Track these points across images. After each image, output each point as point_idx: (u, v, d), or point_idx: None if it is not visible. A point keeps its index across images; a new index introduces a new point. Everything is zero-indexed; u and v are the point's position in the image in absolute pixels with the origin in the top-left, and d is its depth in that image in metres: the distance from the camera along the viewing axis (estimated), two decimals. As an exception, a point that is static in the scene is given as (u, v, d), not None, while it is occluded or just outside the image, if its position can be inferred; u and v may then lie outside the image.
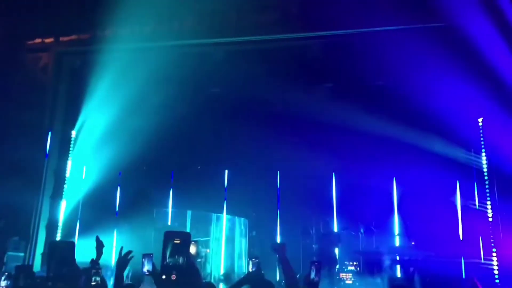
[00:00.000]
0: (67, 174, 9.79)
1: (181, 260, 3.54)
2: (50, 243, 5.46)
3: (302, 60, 9.72)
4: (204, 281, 4.86)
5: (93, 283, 4.28)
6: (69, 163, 9.87)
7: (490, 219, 8.25)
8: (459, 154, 8.98)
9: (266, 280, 4.74)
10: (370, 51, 9.04)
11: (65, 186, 9.69)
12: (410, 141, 9.08)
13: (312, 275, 4.07)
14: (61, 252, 4.43)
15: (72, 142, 9.87)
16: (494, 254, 8.05)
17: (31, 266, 5.45)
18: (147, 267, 4.13)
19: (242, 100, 10.61)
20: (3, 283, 5.54)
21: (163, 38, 9.53)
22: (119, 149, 9.99)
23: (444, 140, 8.99)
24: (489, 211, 8.31)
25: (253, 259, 4.92)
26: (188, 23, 9.25)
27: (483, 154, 8.75)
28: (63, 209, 9.56)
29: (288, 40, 9.50)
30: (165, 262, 3.61)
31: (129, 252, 4.04)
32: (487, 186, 8.54)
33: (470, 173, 8.90)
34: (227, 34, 9.43)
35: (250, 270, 4.84)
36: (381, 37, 8.90)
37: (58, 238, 9.28)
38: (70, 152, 9.88)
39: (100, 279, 4.39)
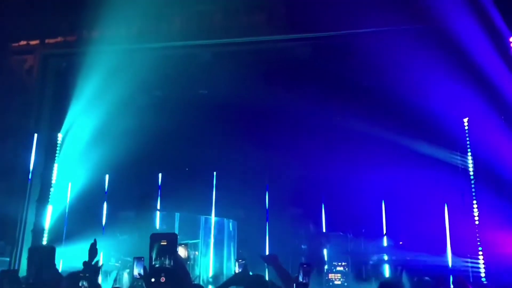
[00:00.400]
0: (54, 178, 9.66)
1: (168, 261, 3.52)
2: (30, 248, 5.38)
3: (291, 61, 9.74)
4: (193, 283, 4.85)
5: None
6: (55, 167, 9.75)
7: (477, 219, 8.32)
8: (445, 154, 9.06)
9: (254, 276, 4.70)
10: (357, 52, 9.10)
11: (51, 190, 9.57)
12: (395, 141, 9.14)
13: (300, 278, 4.09)
14: (40, 257, 4.38)
15: (58, 145, 9.75)
16: (481, 253, 8.12)
17: (17, 270, 5.37)
18: (137, 271, 4.10)
19: (230, 102, 10.60)
20: None
21: (149, 40, 9.48)
22: (106, 151, 9.93)
23: (430, 140, 9.07)
24: (475, 210, 8.38)
25: (240, 260, 4.94)
26: (175, 24, 9.20)
27: (469, 154, 8.83)
28: (50, 214, 9.43)
29: (276, 42, 9.49)
30: (152, 264, 3.59)
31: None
32: (473, 186, 8.61)
33: (456, 173, 8.97)
34: (214, 35, 9.40)
35: (237, 271, 4.85)
36: (368, 38, 8.93)
37: (44, 243, 9.17)
38: (56, 155, 9.76)
39: (89, 283, 4.32)
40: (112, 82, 9.46)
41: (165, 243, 3.57)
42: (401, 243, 10.10)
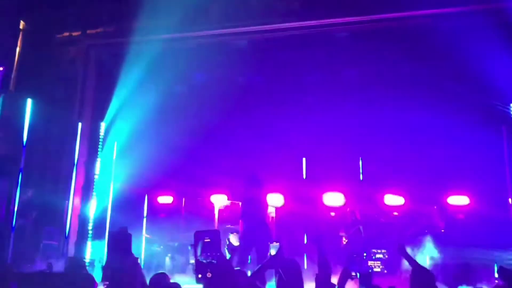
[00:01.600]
0: (97, 167, 9.90)
1: (213, 257, 3.55)
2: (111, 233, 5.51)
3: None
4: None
5: None
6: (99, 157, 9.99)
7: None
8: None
9: (289, 259, 4.69)
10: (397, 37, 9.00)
11: (96, 177, 9.84)
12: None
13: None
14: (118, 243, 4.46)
15: (101, 135, 10.00)
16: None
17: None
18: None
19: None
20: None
21: (188, 29, 9.54)
22: (149, 141, 10.13)
23: None
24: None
25: (274, 242, 4.90)
26: (214, 12, 9.22)
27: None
28: (95, 201, 9.71)
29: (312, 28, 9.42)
30: (198, 261, 3.61)
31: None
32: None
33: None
34: (251, 22, 9.39)
35: (272, 253, 4.81)
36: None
37: (89, 230, 9.47)
38: (100, 144, 10.00)
39: None
40: (153, 72, 9.63)
41: (209, 240, 3.61)
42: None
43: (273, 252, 4.71)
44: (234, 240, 4.75)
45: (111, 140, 10.04)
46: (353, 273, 4.57)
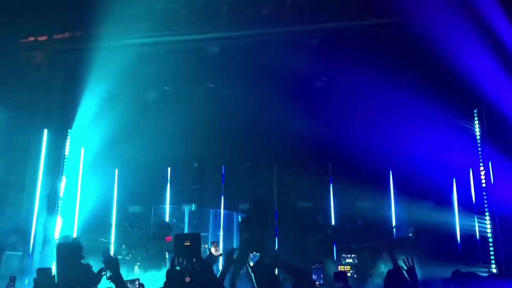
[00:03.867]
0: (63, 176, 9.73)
1: (193, 262, 3.49)
2: (58, 244, 5.37)
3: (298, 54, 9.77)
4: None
5: None
6: (64, 161, 9.81)
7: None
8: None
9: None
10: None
11: (62, 183, 9.64)
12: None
13: (314, 277, 4.12)
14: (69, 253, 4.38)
15: (68, 140, 9.83)
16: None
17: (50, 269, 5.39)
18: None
19: (237, 96, 10.68)
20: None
21: (156, 34, 9.52)
22: (116, 146, 10.00)
23: None
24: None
25: (253, 252, 4.88)
26: (182, 18, 9.23)
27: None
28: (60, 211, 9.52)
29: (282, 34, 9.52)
30: (176, 265, 3.54)
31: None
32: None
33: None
34: (220, 29, 9.43)
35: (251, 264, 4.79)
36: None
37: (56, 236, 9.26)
38: (65, 148, 9.82)
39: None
40: (120, 78, 9.52)
41: (189, 244, 3.56)
42: (410, 234, 10.12)
43: (252, 262, 4.72)
44: (214, 249, 4.71)
45: (78, 146, 9.87)
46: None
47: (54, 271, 4.90)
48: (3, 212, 9.00)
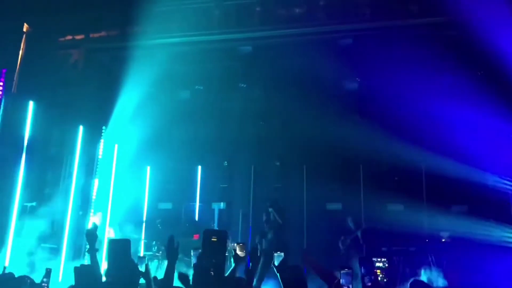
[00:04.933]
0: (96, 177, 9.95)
1: (218, 257, 3.52)
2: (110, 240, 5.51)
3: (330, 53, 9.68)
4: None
5: None
6: (100, 151, 9.99)
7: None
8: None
9: (293, 266, 4.65)
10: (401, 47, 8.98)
11: (96, 179, 9.85)
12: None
13: (343, 281, 4.06)
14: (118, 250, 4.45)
15: (102, 137, 10.03)
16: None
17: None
18: (140, 269, 4.18)
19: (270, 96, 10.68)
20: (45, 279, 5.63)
21: (189, 34, 9.60)
22: (148, 144, 10.17)
23: None
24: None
25: (278, 252, 4.82)
26: (215, 18, 9.28)
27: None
28: (95, 196, 9.72)
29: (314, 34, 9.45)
30: (201, 259, 3.57)
31: (173, 238, 4.03)
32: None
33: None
34: (253, 28, 9.43)
35: (276, 263, 4.76)
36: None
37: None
38: (99, 147, 10.02)
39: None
40: (153, 77, 9.67)
41: (216, 240, 3.60)
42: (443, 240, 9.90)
43: (276, 262, 4.68)
44: (239, 250, 4.72)
45: (112, 143, 10.06)
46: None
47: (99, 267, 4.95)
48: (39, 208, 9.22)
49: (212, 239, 3.43)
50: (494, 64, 7.93)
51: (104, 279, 4.25)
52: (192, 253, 8.68)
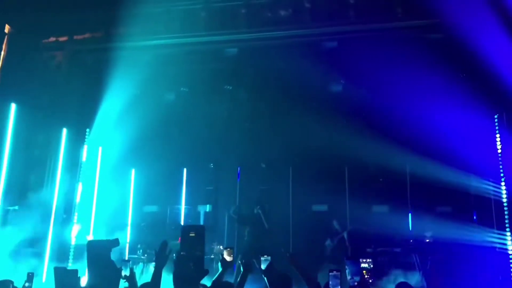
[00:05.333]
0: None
1: (196, 252, 3.53)
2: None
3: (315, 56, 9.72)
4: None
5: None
6: (84, 155, 9.90)
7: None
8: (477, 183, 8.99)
9: (280, 274, 4.65)
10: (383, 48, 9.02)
11: (80, 182, 9.75)
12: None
13: (331, 283, 4.07)
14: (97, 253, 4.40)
15: (86, 139, 9.93)
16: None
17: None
18: (124, 272, 4.15)
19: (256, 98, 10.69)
20: (27, 284, 5.55)
21: (174, 36, 9.55)
22: (133, 147, 10.10)
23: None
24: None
25: (265, 256, 4.78)
26: (201, 20, 9.25)
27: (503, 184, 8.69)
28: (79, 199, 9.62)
29: (300, 36, 9.47)
30: (181, 253, 3.58)
31: (166, 244, 3.99)
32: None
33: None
34: (239, 30, 9.42)
35: (262, 267, 4.74)
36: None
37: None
38: (84, 148, 9.92)
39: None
40: (139, 78, 9.60)
41: (194, 235, 3.61)
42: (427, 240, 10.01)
43: (263, 266, 4.66)
44: (227, 255, 4.70)
45: (96, 146, 9.96)
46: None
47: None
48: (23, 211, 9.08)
49: (190, 235, 3.41)
50: (478, 66, 8.04)
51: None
52: (174, 256, 8.73)
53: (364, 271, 9.39)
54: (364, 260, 9.78)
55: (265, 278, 4.60)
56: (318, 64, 9.59)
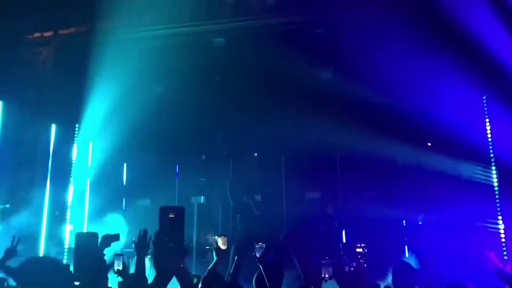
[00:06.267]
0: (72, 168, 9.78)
1: (176, 233, 3.50)
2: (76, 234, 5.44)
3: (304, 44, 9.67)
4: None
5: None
6: (74, 157, 9.84)
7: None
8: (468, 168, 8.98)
9: (273, 262, 4.64)
10: (371, 33, 8.97)
11: (71, 178, 9.70)
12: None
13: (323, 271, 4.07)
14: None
15: (76, 136, 9.86)
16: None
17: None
18: (117, 267, 4.14)
19: (245, 87, 10.63)
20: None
21: (161, 28, 9.48)
22: (123, 142, 10.04)
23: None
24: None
25: (259, 243, 4.78)
26: (187, 10, 9.18)
27: (493, 167, 8.69)
28: (71, 196, 9.56)
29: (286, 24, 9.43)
30: (159, 235, 3.55)
31: (146, 233, 3.95)
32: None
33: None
34: (225, 20, 9.37)
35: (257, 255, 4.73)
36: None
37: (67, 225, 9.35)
38: (74, 144, 9.86)
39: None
40: (126, 72, 9.51)
41: (173, 216, 3.56)
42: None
43: (258, 253, 4.65)
44: (221, 243, 4.68)
45: (86, 141, 9.90)
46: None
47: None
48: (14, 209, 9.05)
49: (170, 216, 3.36)
50: (466, 43, 8.02)
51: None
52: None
53: (359, 256, 9.49)
54: (359, 245, 9.88)
55: (260, 265, 4.60)
56: (306, 52, 9.56)
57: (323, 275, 4.18)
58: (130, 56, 9.38)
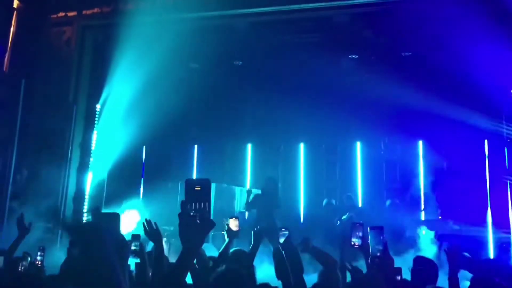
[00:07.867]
0: (93, 147, 9.83)
1: (202, 206, 3.46)
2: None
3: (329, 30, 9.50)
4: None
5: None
6: (94, 136, 9.89)
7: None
8: (490, 123, 8.71)
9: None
10: (399, 20, 8.72)
11: (91, 158, 9.76)
12: (439, 111, 8.82)
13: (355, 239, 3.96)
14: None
15: (97, 115, 9.90)
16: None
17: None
18: (134, 247, 4.11)
19: (266, 73, 10.53)
20: (39, 257, 5.58)
21: (185, 10, 9.40)
22: (143, 123, 10.04)
23: (475, 109, 8.72)
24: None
25: (283, 230, 4.73)
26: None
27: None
28: (90, 181, 9.65)
29: (312, 10, 9.25)
30: (186, 209, 3.54)
31: (150, 222, 3.93)
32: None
33: (502, 143, 8.64)
34: (250, 4, 9.24)
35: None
36: (409, 4, 8.57)
37: (85, 209, 9.44)
38: (95, 125, 9.91)
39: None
40: (148, 54, 9.47)
41: (199, 189, 3.48)
42: (440, 217, 9.91)
43: (281, 240, 4.59)
44: (233, 224, 4.64)
45: (107, 119, 9.95)
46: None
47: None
48: (36, 185, 9.16)
49: (196, 188, 3.28)
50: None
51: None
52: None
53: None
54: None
55: (283, 251, 4.53)
56: (329, 39, 9.42)
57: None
58: (153, 38, 9.32)
